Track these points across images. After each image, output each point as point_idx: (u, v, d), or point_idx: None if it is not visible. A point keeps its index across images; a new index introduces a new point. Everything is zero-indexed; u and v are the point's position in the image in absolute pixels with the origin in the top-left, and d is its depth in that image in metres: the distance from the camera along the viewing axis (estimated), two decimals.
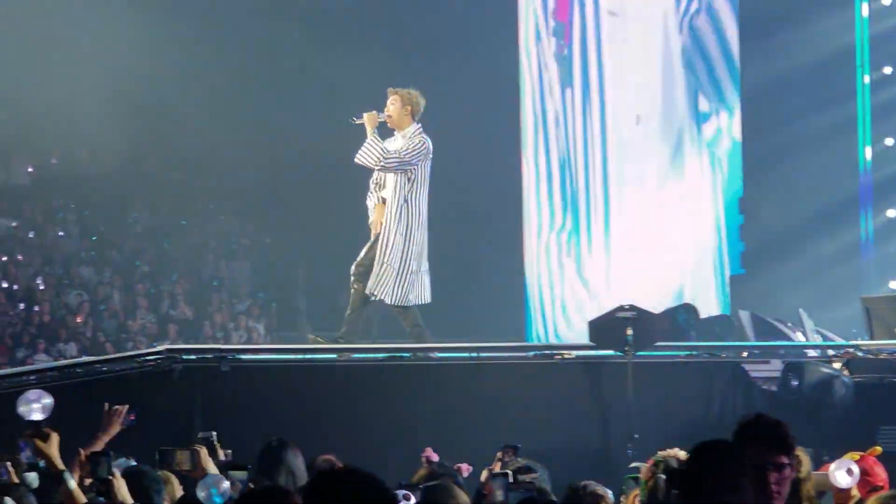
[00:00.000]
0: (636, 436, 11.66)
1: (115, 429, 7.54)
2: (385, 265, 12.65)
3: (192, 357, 12.09)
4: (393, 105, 12.68)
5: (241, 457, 8.26)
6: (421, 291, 12.85)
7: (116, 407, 7.58)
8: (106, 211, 25.19)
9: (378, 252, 12.68)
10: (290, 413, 11.69)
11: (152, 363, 11.98)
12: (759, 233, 21.13)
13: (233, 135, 22.25)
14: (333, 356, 12.74)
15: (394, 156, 12.55)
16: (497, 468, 8.13)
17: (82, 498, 6.14)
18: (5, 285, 23.03)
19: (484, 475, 7.89)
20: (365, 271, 12.78)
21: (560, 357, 12.95)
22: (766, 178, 21.12)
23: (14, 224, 24.62)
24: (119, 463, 7.13)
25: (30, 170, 25.81)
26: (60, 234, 24.78)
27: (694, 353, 13.33)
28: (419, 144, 12.62)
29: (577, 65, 21.07)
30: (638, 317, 12.11)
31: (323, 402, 12.04)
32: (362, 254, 12.86)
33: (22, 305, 22.46)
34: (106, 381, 12.00)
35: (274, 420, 11.40)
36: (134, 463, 7.64)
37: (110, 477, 6.29)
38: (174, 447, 7.46)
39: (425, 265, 12.89)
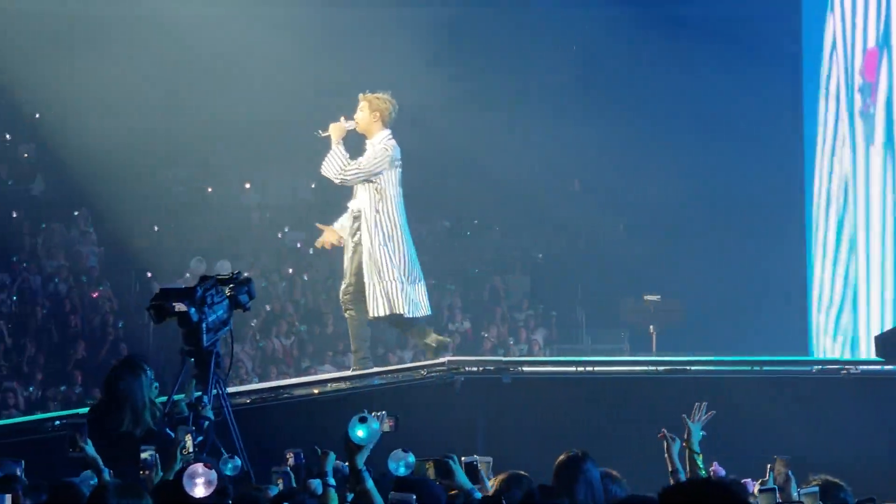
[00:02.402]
0: None
1: None
2: (374, 283, 12.21)
3: (474, 369, 12.15)
4: (361, 112, 12.20)
5: (525, 470, 8.25)
6: (417, 302, 12.41)
7: None
8: None
9: (364, 270, 12.20)
10: (572, 426, 11.65)
11: (434, 375, 12.09)
12: None
13: (500, 149, 22.56)
14: (612, 368, 12.67)
15: (353, 167, 12.06)
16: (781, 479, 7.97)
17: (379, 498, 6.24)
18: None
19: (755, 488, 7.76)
20: (357, 295, 12.35)
21: (846, 372, 12.63)
22: None
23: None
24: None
25: (312, 186, 26.51)
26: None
27: None
28: (381, 152, 12.09)
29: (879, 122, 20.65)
30: None
31: (604, 414, 11.98)
32: (347, 277, 12.43)
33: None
34: (388, 392, 12.17)
35: (556, 433, 11.38)
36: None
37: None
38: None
39: (416, 275, 12.42)
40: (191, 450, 8.06)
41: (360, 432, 6.68)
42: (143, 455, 7.95)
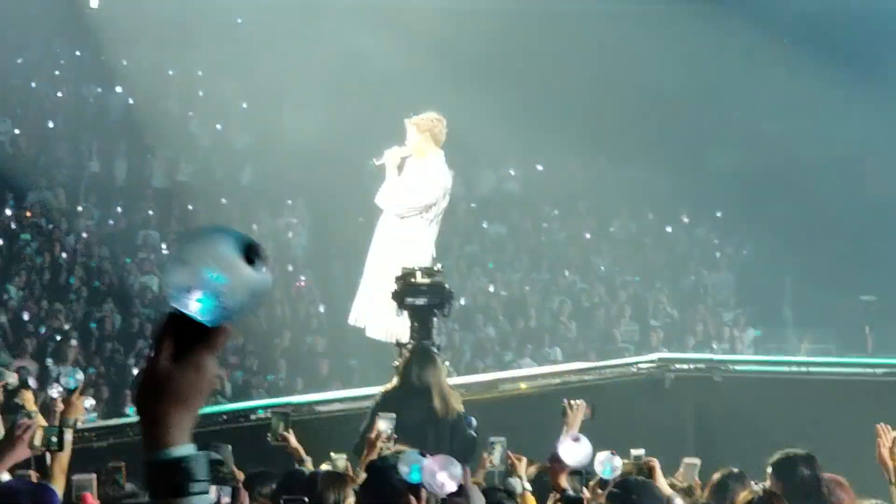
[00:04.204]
0: None
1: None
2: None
3: (685, 367, 11.96)
4: (410, 136, 11.80)
5: (741, 468, 8.03)
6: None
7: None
8: (591, 218, 25.56)
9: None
10: (783, 425, 11.36)
11: (645, 371, 11.92)
12: None
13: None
14: (826, 369, 12.34)
15: (409, 203, 11.58)
16: None
17: None
18: (491, 289, 23.63)
19: None
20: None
21: None
22: None
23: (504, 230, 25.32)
24: None
25: (511, 172, 26.54)
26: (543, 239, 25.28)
27: None
28: (437, 187, 11.66)
29: None
30: None
31: (817, 415, 11.65)
32: None
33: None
34: (597, 387, 12.02)
35: (767, 432, 11.10)
36: None
37: None
38: None
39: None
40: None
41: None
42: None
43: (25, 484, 5.43)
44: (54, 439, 6.09)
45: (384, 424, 8.31)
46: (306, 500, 6.17)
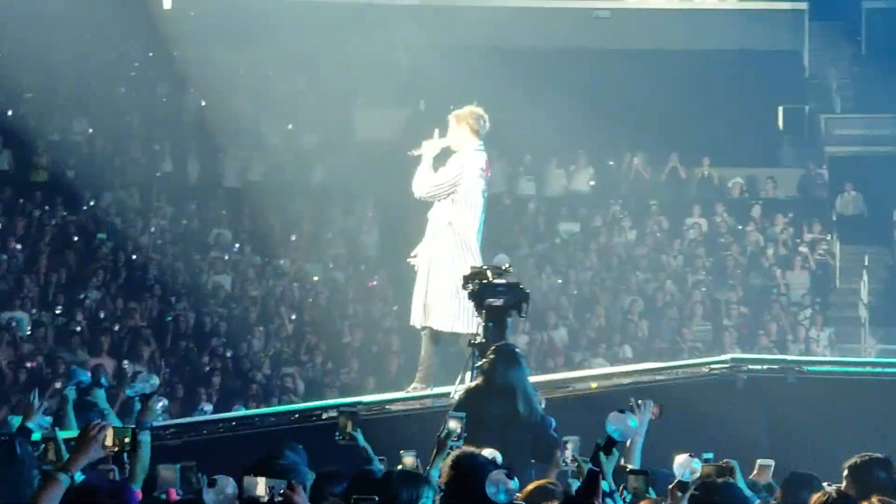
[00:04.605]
0: None
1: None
2: (437, 293, 11.59)
3: (758, 367, 11.86)
4: (453, 131, 11.74)
5: (815, 471, 7.97)
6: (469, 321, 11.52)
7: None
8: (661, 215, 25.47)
9: (426, 280, 11.67)
10: (859, 427, 11.25)
11: (717, 372, 11.85)
12: None
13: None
14: None
15: (433, 183, 11.59)
16: None
17: None
18: (562, 288, 23.61)
19: None
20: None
21: None
22: None
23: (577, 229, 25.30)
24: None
25: (590, 180, 26.51)
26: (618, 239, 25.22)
27: None
28: (459, 165, 11.60)
29: None
30: None
31: (893, 416, 11.52)
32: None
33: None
34: (669, 387, 11.96)
35: (841, 434, 11.00)
36: None
37: None
38: None
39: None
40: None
41: (619, 425, 6.47)
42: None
43: (105, 482, 5.50)
44: (127, 440, 6.15)
45: (454, 423, 8.32)
46: (377, 499, 6.18)
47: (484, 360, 9.64)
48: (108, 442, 5.96)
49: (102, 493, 4.80)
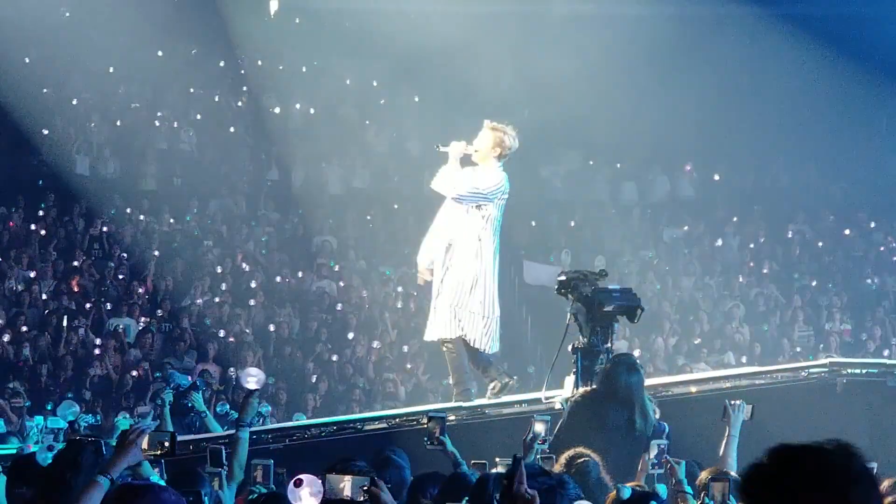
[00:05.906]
0: None
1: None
2: (458, 307, 11.55)
3: (857, 371, 11.78)
4: (482, 141, 11.53)
5: None
6: (491, 339, 11.70)
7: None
8: (765, 223, 25.33)
9: (450, 293, 11.57)
10: None
11: (816, 376, 11.79)
12: None
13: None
14: None
15: (468, 186, 11.41)
16: None
17: None
18: (664, 293, 23.54)
19: None
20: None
21: None
22: None
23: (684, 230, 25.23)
24: None
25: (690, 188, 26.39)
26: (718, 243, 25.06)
27: None
28: (498, 181, 11.43)
29: None
30: None
31: None
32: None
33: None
34: (768, 391, 11.91)
35: None
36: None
37: None
38: None
39: (497, 311, 11.70)
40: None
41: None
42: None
43: (143, 483, 5.58)
44: (166, 443, 6.29)
45: (540, 426, 8.36)
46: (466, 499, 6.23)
47: (605, 366, 9.69)
48: (145, 445, 6.09)
49: (141, 493, 4.90)
